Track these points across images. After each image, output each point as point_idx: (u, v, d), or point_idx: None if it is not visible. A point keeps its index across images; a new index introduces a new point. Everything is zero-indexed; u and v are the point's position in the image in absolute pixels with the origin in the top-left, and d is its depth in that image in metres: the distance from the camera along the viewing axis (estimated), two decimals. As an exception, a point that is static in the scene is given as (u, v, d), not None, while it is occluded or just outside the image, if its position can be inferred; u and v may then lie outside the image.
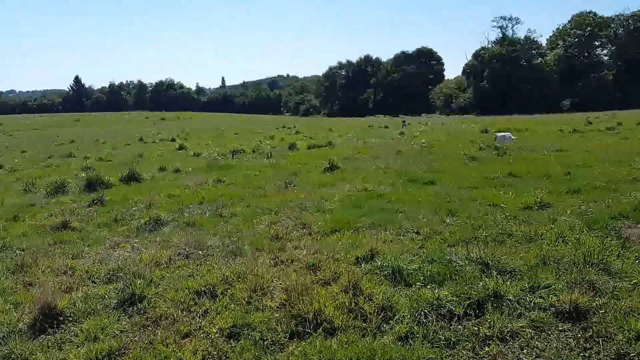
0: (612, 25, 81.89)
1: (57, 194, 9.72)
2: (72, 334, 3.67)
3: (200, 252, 5.48)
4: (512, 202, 7.03)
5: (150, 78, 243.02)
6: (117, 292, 4.33)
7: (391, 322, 3.54)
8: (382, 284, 4.17)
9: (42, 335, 3.65)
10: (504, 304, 3.61)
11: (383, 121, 47.34)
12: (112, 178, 10.82)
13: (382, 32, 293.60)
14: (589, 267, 4.08)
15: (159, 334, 3.58)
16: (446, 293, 3.79)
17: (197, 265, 5.05)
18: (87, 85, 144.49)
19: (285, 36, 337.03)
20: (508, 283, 3.91)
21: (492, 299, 3.66)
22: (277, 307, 3.87)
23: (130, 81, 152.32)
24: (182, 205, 8.10)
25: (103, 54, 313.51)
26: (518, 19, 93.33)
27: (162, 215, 7.08)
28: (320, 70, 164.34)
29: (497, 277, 3.97)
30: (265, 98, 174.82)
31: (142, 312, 3.96)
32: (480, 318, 3.49)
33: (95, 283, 4.71)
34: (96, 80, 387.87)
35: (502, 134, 17.57)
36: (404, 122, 32.62)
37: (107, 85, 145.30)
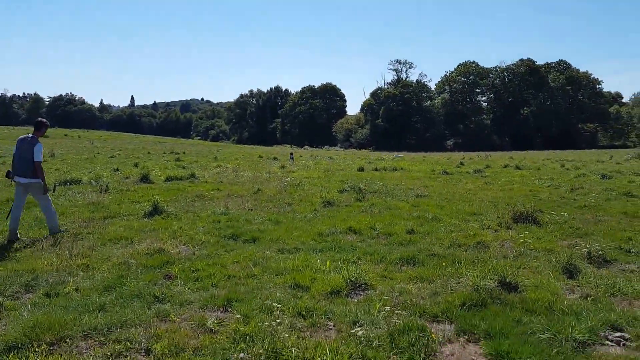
0: (491, 75, 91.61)
1: None
2: None
3: None
4: (322, 280, 5.19)
5: (51, 92, 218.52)
6: None
7: None
8: None
9: None
10: None
11: (279, 152, 45.70)
12: None
13: (291, 65, 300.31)
14: None
15: None
16: None
17: None
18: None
19: (203, 59, 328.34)
20: None
21: None
22: None
23: (27, 94, 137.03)
24: None
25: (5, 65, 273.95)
26: (412, 63, 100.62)
27: None
28: (233, 96, 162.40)
29: None
30: (175, 121, 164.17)
31: None
32: None
33: None
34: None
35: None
36: (291, 154, 31.17)
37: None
